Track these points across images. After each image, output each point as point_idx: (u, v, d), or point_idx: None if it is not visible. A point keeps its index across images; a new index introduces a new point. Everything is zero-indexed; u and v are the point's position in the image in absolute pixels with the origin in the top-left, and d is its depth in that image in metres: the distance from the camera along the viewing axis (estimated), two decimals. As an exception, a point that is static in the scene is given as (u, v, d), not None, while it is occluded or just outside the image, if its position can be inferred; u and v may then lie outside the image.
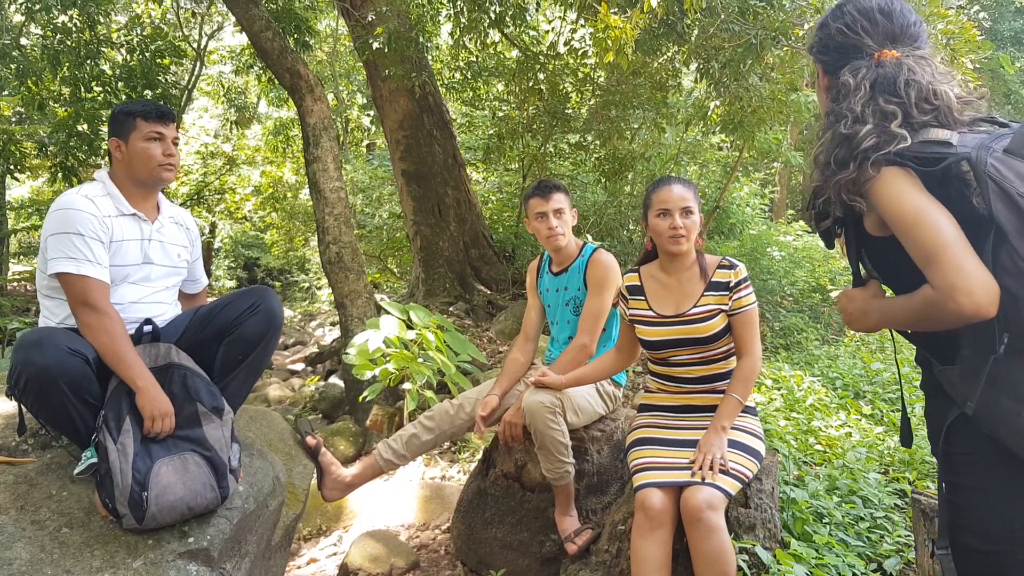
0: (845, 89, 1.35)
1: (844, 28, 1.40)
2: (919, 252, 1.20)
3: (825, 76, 1.47)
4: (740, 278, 2.30)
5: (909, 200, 1.23)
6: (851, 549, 2.41)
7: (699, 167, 9.74)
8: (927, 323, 1.26)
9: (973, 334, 1.23)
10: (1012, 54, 12.22)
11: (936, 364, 1.33)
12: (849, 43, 1.40)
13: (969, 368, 1.25)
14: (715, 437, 2.15)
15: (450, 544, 3.27)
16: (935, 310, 1.19)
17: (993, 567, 1.30)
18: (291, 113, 13.08)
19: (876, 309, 1.37)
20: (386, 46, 6.25)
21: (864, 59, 1.37)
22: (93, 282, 2.02)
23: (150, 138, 2.20)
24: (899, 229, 1.24)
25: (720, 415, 2.21)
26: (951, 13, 4.86)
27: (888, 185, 1.25)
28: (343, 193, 5.88)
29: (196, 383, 2.08)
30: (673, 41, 6.03)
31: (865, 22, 1.38)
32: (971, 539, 1.31)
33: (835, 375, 5.10)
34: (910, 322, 1.31)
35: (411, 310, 4.46)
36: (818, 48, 1.47)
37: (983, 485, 1.29)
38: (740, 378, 2.26)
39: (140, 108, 2.22)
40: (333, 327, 11.14)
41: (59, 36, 7.58)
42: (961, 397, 1.26)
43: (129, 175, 2.22)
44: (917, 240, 1.20)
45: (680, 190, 2.31)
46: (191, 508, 1.91)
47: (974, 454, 1.29)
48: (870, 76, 1.33)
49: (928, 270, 1.19)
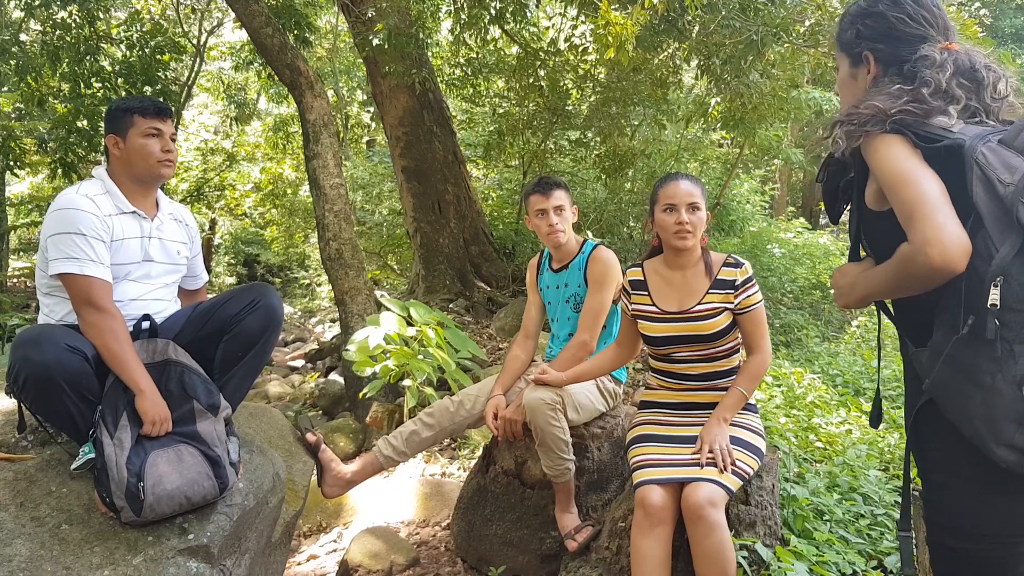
0: (930, 61, 1.34)
1: (907, 18, 1.40)
2: (902, 209, 1.23)
3: (877, 65, 1.45)
4: (746, 277, 2.30)
5: (901, 160, 1.26)
6: (851, 546, 2.41)
7: (699, 164, 9.73)
8: (904, 284, 1.27)
9: (946, 317, 1.25)
10: (1013, 51, 12.18)
11: (911, 346, 1.35)
12: (916, 33, 1.41)
13: (936, 351, 1.26)
14: (716, 427, 2.15)
15: (450, 541, 3.28)
16: (909, 266, 1.21)
17: (970, 565, 1.31)
18: (291, 109, 13.05)
19: (862, 280, 1.39)
20: (386, 42, 6.24)
21: (932, 46, 1.38)
22: (97, 282, 2.01)
23: (148, 134, 2.19)
24: (888, 187, 1.26)
25: (723, 407, 2.21)
26: (952, 10, 4.85)
27: (887, 147, 1.28)
28: (343, 190, 5.87)
29: (193, 380, 2.07)
30: (674, 37, 6.02)
31: (926, 12, 1.41)
32: (944, 536, 1.32)
33: (835, 372, 5.10)
34: (889, 286, 1.32)
35: (411, 307, 4.47)
36: (873, 37, 1.45)
37: (950, 481, 1.30)
38: (748, 373, 2.27)
39: (137, 104, 2.21)
40: (333, 324, 11.15)
41: (58, 32, 7.56)
42: (924, 378, 1.29)
43: (127, 172, 2.21)
44: (901, 197, 1.23)
45: (687, 186, 2.31)
46: (189, 498, 1.91)
47: (941, 448, 1.31)
48: (951, 59, 1.34)
49: (906, 225, 1.21)
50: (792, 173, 14.39)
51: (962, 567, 1.32)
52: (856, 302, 1.43)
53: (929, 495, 1.34)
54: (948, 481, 1.30)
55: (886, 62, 1.43)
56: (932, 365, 1.26)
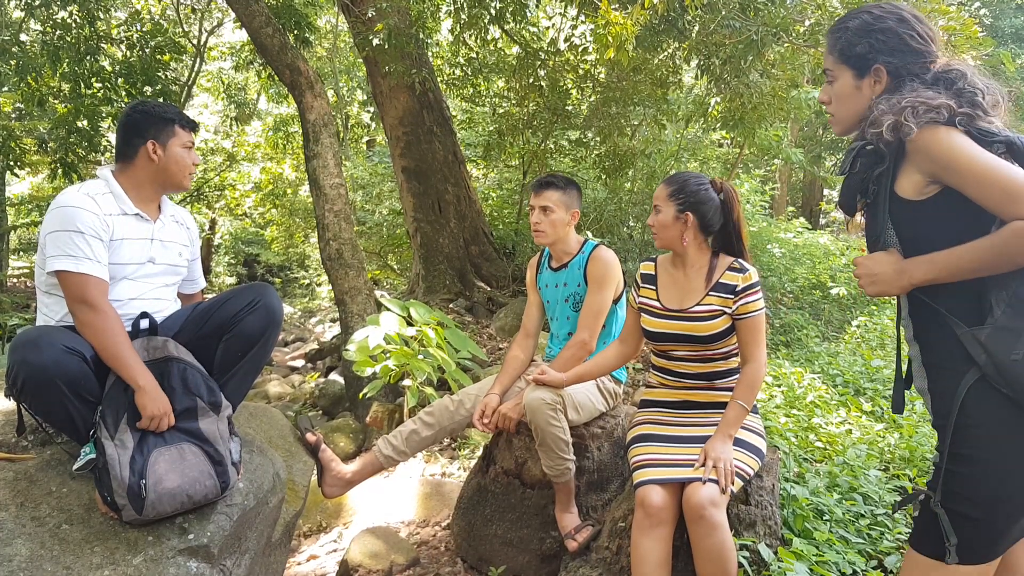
0: (958, 74, 1.46)
1: (917, 35, 1.52)
2: (1002, 192, 1.32)
3: (888, 77, 1.54)
4: (749, 283, 2.28)
5: (977, 149, 1.37)
6: (851, 546, 2.41)
7: (699, 164, 9.72)
8: (1008, 259, 1.35)
9: (1008, 295, 1.36)
10: (1013, 51, 12.18)
11: (961, 326, 1.42)
12: (923, 49, 1.52)
13: (1003, 327, 1.36)
14: (720, 444, 2.11)
15: (450, 541, 3.27)
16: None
17: (984, 533, 1.41)
18: (291, 109, 13.07)
19: (923, 262, 1.44)
20: (386, 42, 6.23)
21: (933, 62, 1.51)
22: (92, 280, 2.01)
23: (187, 146, 2.24)
24: (970, 174, 1.35)
25: (726, 422, 2.17)
26: (952, 10, 4.85)
27: (952, 137, 1.38)
28: (343, 190, 5.87)
29: (195, 377, 2.07)
30: (674, 37, 6.02)
31: (929, 31, 1.54)
32: (971, 509, 1.40)
33: (835, 372, 5.10)
34: (983, 263, 1.37)
35: (411, 307, 4.47)
36: (885, 51, 1.54)
37: (989, 457, 1.38)
38: (745, 384, 2.22)
39: (176, 114, 2.24)
40: (333, 324, 11.15)
41: (59, 32, 7.57)
42: (992, 355, 1.36)
43: (155, 178, 2.23)
44: (998, 181, 1.32)
45: (658, 189, 2.39)
46: (190, 497, 1.90)
47: (985, 426, 1.39)
48: (969, 71, 1.47)
49: (1016, 204, 1.30)
50: (792, 173, 14.39)
51: (980, 536, 1.41)
52: (904, 289, 1.49)
53: (961, 468, 1.41)
54: (989, 457, 1.38)
55: (895, 75, 1.53)
56: (1005, 339, 1.34)
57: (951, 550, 1.41)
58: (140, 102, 2.28)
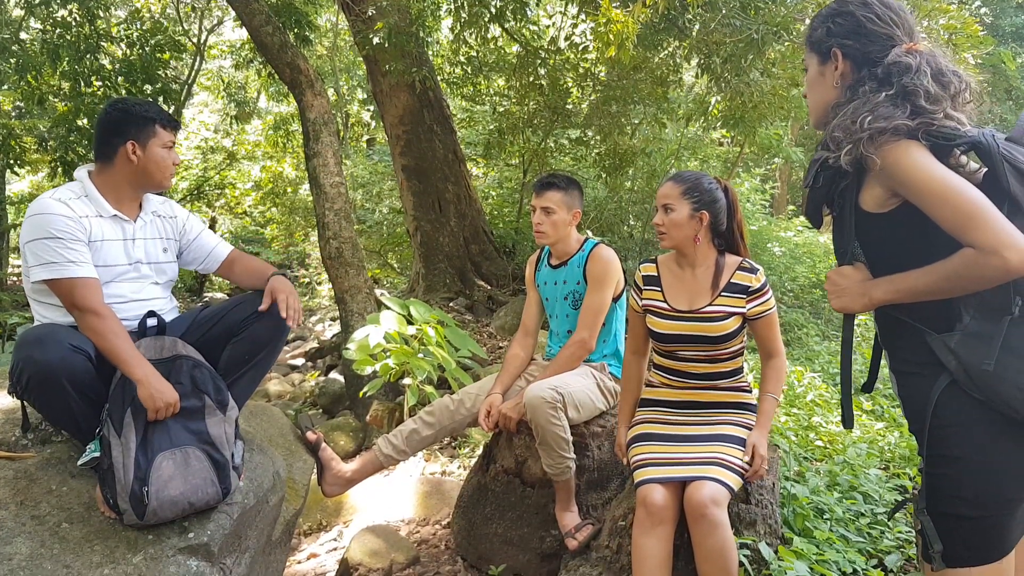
0: (904, 67, 1.39)
1: (875, 18, 1.46)
2: (955, 216, 1.28)
3: (845, 61, 1.50)
4: (760, 283, 2.32)
5: (936, 169, 1.32)
6: (852, 545, 2.41)
7: (700, 163, 9.72)
8: (962, 285, 1.32)
9: (976, 301, 1.34)
10: (1013, 50, 12.18)
11: (930, 333, 1.40)
12: (883, 32, 1.46)
13: (972, 333, 1.34)
14: (763, 439, 2.20)
15: (450, 539, 3.27)
16: (976, 270, 1.27)
17: (983, 531, 1.38)
18: (291, 108, 13.04)
19: (883, 282, 1.43)
20: (386, 41, 6.23)
21: (898, 47, 1.44)
22: (78, 281, 1.99)
23: (168, 147, 2.19)
24: (927, 195, 1.32)
25: (765, 415, 2.27)
26: (953, 9, 4.84)
27: (911, 155, 1.34)
28: (343, 188, 5.86)
29: (204, 375, 2.07)
30: (674, 36, 6.01)
31: (893, 15, 1.47)
32: (963, 508, 1.38)
33: (835, 371, 5.10)
34: (936, 288, 1.35)
35: (411, 305, 4.46)
36: (842, 34, 1.49)
37: (969, 454, 1.37)
38: (774, 378, 2.33)
39: (156, 113, 2.18)
40: (333, 322, 11.14)
41: (59, 31, 7.55)
42: (963, 361, 1.34)
43: (134, 179, 2.18)
44: (953, 204, 1.28)
45: (666, 187, 2.35)
46: (192, 503, 1.91)
47: (962, 425, 1.37)
48: (923, 61, 1.39)
49: (968, 232, 1.27)
50: (792, 172, 14.37)
51: (977, 534, 1.39)
52: (867, 307, 1.47)
53: (947, 470, 1.39)
54: (970, 455, 1.36)
55: (855, 59, 1.48)
56: (980, 349, 1.32)
57: (936, 556, 1.38)
58: (120, 99, 2.21)
